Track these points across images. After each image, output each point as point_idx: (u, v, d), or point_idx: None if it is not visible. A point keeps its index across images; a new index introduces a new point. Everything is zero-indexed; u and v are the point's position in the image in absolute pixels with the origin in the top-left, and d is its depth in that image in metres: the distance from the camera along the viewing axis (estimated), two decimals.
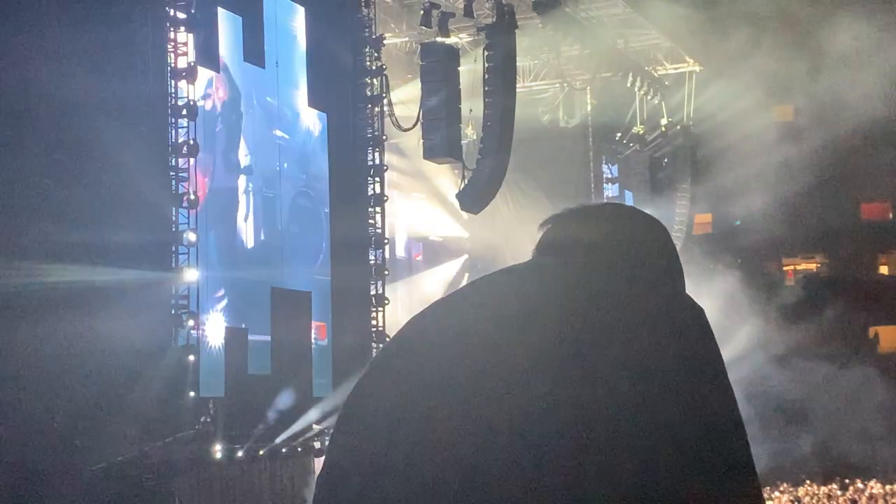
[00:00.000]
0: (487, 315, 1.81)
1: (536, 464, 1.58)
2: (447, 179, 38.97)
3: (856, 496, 36.30)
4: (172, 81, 22.26)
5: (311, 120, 27.80)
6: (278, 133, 26.74)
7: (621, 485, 1.55)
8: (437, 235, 40.91)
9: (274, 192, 26.38)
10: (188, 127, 22.27)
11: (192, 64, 22.35)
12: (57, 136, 20.51)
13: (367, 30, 28.78)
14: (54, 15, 20.46)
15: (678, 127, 40.42)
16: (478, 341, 1.76)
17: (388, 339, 1.76)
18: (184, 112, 22.24)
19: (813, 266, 48.68)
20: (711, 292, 40.25)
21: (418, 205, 39.16)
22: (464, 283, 41.41)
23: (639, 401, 1.60)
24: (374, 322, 28.43)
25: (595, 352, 1.62)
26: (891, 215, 47.43)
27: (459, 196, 30.48)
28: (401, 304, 36.02)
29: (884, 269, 48.13)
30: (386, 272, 28.99)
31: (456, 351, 1.78)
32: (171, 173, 22.10)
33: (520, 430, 1.61)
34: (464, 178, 30.42)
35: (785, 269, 48.64)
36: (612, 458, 1.56)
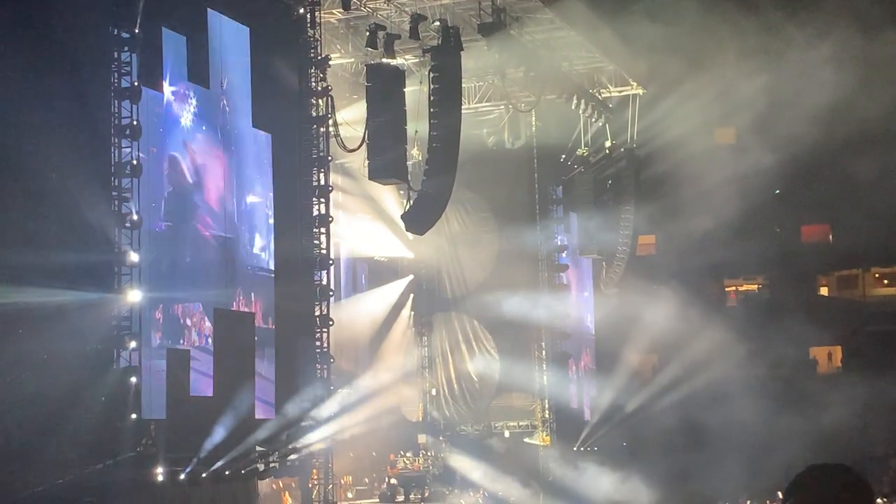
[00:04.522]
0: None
1: None
2: (393, 200, 38.98)
3: None
4: (116, 101, 22.10)
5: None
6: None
7: None
8: (383, 256, 40.87)
9: None
10: (132, 147, 22.11)
11: (136, 84, 22.21)
12: None
13: (312, 51, 28.76)
14: None
15: (622, 149, 40.72)
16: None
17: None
18: (127, 132, 22.08)
19: (754, 287, 49.21)
20: (654, 313, 40.57)
21: (364, 225, 39.10)
22: (408, 304, 41.41)
23: None
24: (318, 343, 28.31)
25: None
26: (831, 238, 48.08)
27: (405, 217, 30.49)
28: (345, 325, 35.95)
29: (824, 291, 48.76)
30: (331, 293, 28.90)
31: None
32: (115, 193, 21.91)
33: None
34: (409, 198, 30.44)
35: (727, 289, 49.13)
36: None
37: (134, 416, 21.65)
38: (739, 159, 40.55)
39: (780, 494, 37.10)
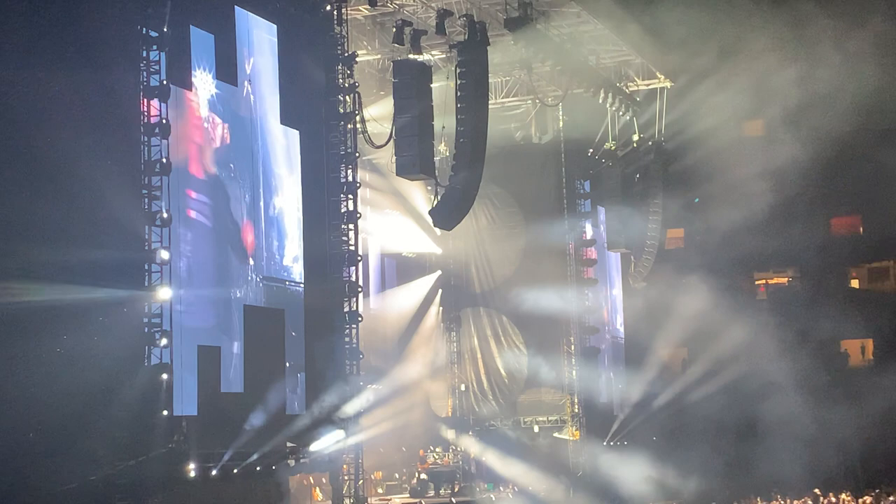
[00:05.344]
0: None
1: None
2: (420, 196, 39.04)
3: None
4: (145, 100, 22.20)
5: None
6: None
7: None
8: (411, 252, 40.93)
9: None
10: (161, 145, 22.20)
11: (165, 82, 22.31)
12: (28, 155, 20.40)
13: (339, 47, 28.81)
14: (26, 34, 20.39)
15: (650, 143, 40.60)
16: None
17: None
18: (156, 130, 22.18)
19: (784, 280, 48.95)
20: (683, 306, 40.45)
21: (392, 221, 39.18)
22: (437, 299, 41.48)
23: None
24: (347, 339, 28.38)
25: None
26: (861, 229, 47.77)
27: (432, 213, 30.51)
28: (374, 321, 36.04)
29: (854, 283, 48.44)
30: (359, 289, 28.97)
31: None
32: (144, 191, 22.02)
33: None
34: (436, 194, 30.46)
35: (756, 283, 48.90)
36: None
37: (165, 412, 21.74)
38: (768, 152, 40.37)
39: (817, 491, 36.94)
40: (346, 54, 28.86)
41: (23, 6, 20.58)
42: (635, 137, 40.47)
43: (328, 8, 28.76)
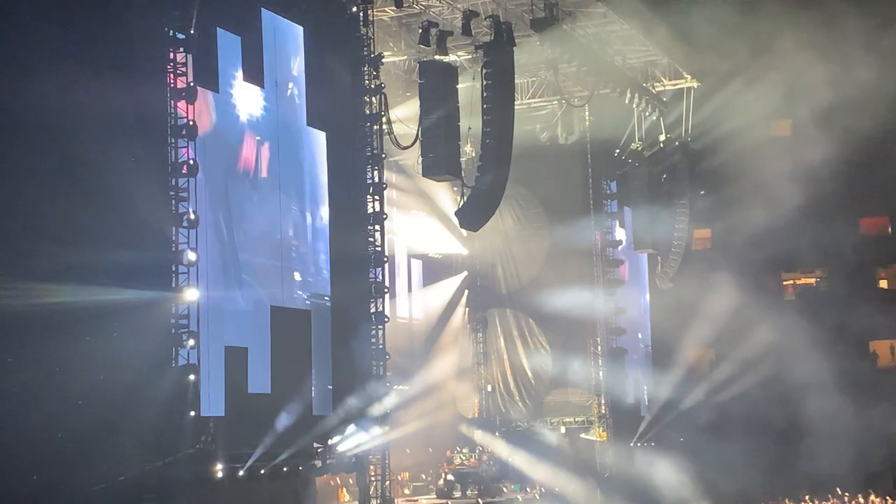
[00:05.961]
0: None
1: None
2: (447, 197, 39.04)
3: None
4: (172, 102, 22.29)
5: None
6: None
7: None
8: (437, 253, 40.94)
9: None
10: (188, 147, 22.29)
11: (192, 84, 22.40)
12: (57, 158, 20.51)
13: (365, 48, 28.85)
14: (54, 36, 20.51)
15: (676, 143, 40.46)
16: None
17: None
18: (183, 132, 22.26)
19: (812, 281, 48.66)
20: (711, 307, 40.27)
21: (418, 222, 39.21)
22: (463, 300, 41.45)
23: None
24: (374, 340, 28.41)
25: None
26: (890, 230, 47.44)
27: (459, 213, 30.52)
28: (400, 322, 36.09)
29: (883, 284, 48.09)
30: (386, 290, 29.00)
31: None
32: (171, 193, 22.11)
33: None
34: (463, 195, 30.45)
35: (784, 283, 48.63)
36: None
37: (193, 413, 21.83)
38: (796, 151, 40.15)
39: (838, 490, 36.74)
40: (372, 55, 28.89)
41: (52, 11, 20.69)
42: (662, 137, 40.33)
43: (354, 9, 28.81)
